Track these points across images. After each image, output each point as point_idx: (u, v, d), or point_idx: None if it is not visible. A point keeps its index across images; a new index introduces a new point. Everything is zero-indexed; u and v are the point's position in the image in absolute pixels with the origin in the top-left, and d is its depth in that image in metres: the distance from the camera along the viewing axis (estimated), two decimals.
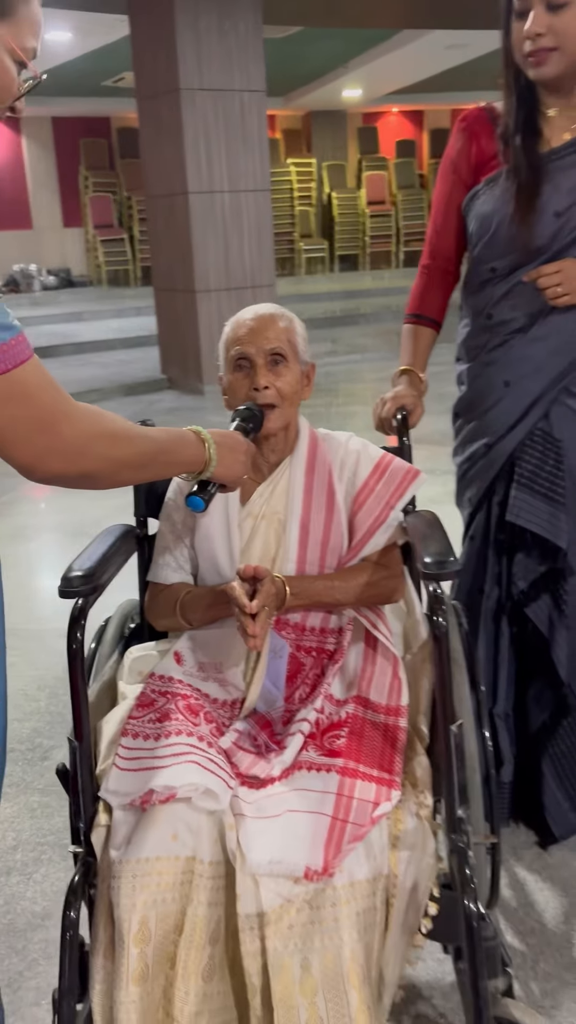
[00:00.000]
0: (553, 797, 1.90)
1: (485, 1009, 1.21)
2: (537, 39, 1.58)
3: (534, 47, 1.59)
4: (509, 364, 1.73)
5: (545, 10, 1.56)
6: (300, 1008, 1.16)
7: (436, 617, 1.25)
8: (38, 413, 1.02)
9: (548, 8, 1.56)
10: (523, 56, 1.62)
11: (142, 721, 1.39)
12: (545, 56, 1.60)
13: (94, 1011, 1.25)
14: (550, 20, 1.57)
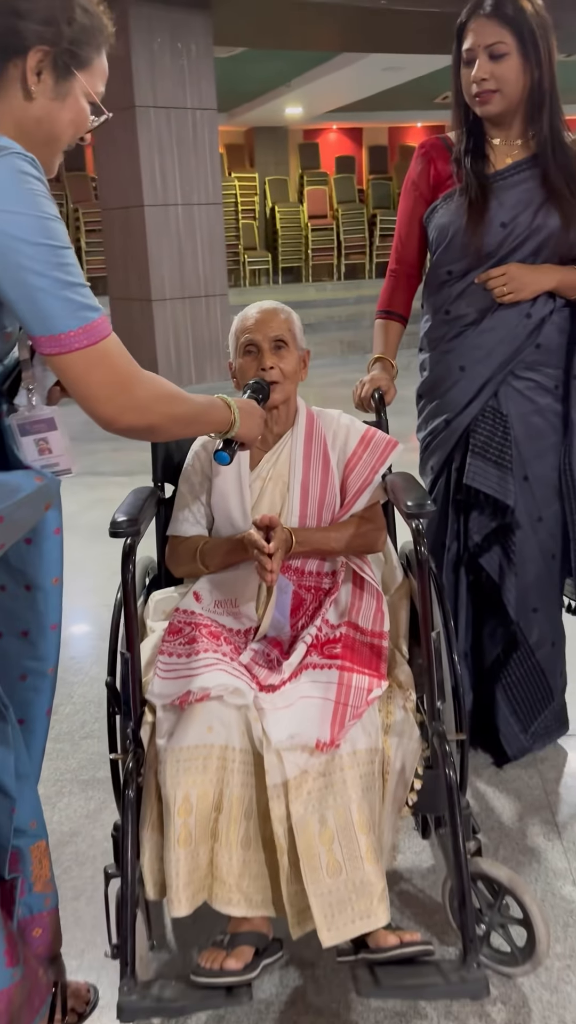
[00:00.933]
0: (506, 722, 2.23)
1: (465, 863, 1.52)
2: (482, 83, 1.93)
3: (480, 89, 1.94)
4: (464, 352, 2.06)
5: (488, 59, 1.91)
6: (321, 855, 1.46)
7: (418, 546, 1.57)
8: (118, 377, 1.30)
9: (490, 58, 1.91)
10: (471, 96, 1.96)
11: (174, 644, 1.68)
12: (489, 96, 1.94)
13: (144, 875, 1.53)
14: (492, 68, 1.91)
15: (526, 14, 1.86)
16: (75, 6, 1.30)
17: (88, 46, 1.33)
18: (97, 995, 1.64)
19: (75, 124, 1.36)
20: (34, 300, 1.22)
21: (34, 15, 1.26)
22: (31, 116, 1.30)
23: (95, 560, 3.67)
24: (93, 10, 1.33)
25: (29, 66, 1.27)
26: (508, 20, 1.86)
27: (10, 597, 1.52)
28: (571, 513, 2.08)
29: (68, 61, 1.30)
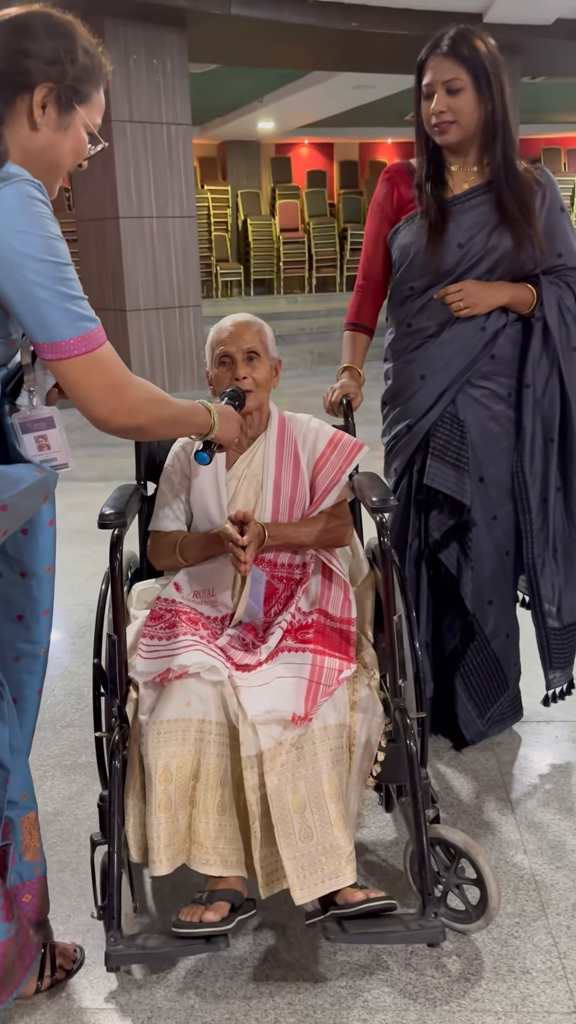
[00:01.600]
0: (464, 708, 2.39)
1: (423, 825, 1.67)
2: (440, 115, 2.09)
3: (438, 120, 2.10)
4: (425, 362, 2.22)
5: (446, 94, 2.07)
6: (294, 821, 1.60)
7: (382, 537, 1.72)
8: (111, 381, 1.44)
9: (448, 92, 2.07)
10: (431, 126, 2.13)
11: (155, 628, 1.82)
12: (447, 127, 2.11)
13: (128, 839, 1.66)
14: (449, 101, 2.08)
15: (480, 53, 2.03)
16: (77, 48, 1.44)
17: (88, 83, 1.47)
18: (83, 955, 1.76)
19: (75, 152, 1.51)
20: (38, 310, 1.36)
21: (41, 55, 1.40)
22: (36, 145, 1.44)
23: (73, 562, 3.79)
24: (93, 51, 1.48)
25: (35, 100, 1.41)
26: (463, 59, 2.03)
27: (6, 584, 1.65)
28: (523, 512, 2.25)
29: (70, 96, 1.44)
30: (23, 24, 1.43)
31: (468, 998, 1.63)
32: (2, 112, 1.41)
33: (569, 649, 2.38)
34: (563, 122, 16.03)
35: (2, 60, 1.40)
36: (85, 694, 2.79)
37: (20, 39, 1.41)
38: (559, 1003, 1.61)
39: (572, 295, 2.18)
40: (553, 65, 9.97)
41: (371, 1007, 1.62)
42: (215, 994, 1.65)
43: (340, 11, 7.60)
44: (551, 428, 2.21)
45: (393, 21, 7.83)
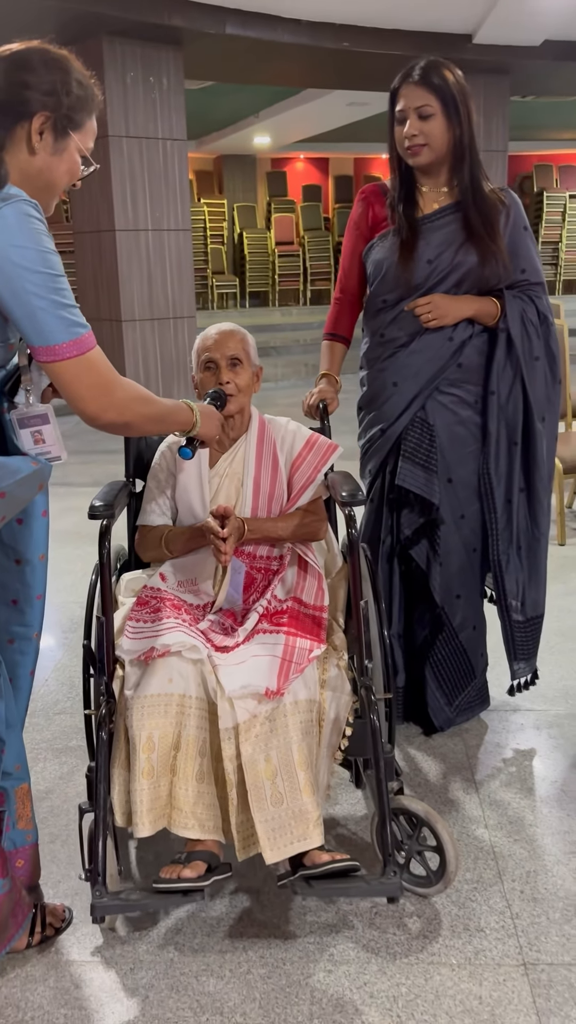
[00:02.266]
0: (434, 696, 2.53)
1: (387, 799, 1.80)
2: (412, 138, 2.25)
3: (410, 143, 2.26)
4: (396, 370, 2.37)
5: (417, 119, 2.23)
6: (265, 787, 1.74)
7: (351, 529, 1.87)
8: (100, 381, 1.58)
9: (419, 118, 2.23)
10: (403, 149, 2.28)
11: (141, 612, 1.96)
12: (418, 150, 2.26)
13: (114, 805, 1.80)
14: (421, 125, 2.23)
15: (448, 82, 2.19)
16: (72, 80, 1.60)
17: (82, 112, 1.63)
18: (71, 915, 1.90)
19: (69, 174, 1.66)
20: (34, 317, 1.50)
21: (39, 87, 1.56)
22: (34, 167, 1.59)
23: (66, 561, 3.94)
24: (86, 83, 1.64)
25: (33, 127, 1.57)
26: (433, 87, 2.19)
27: (2, 570, 1.79)
28: (489, 512, 2.39)
29: (65, 124, 1.60)
30: (23, 59, 1.58)
31: (426, 952, 1.77)
32: (3, 138, 1.56)
33: (532, 641, 2.53)
34: (554, 139, 16.28)
35: (3, 91, 1.55)
36: (76, 684, 2.93)
37: (20, 72, 1.57)
38: (509, 956, 1.75)
39: (534, 309, 2.33)
40: (542, 84, 10.18)
41: (336, 960, 1.75)
42: (193, 948, 1.79)
43: (332, 31, 7.79)
44: (515, 432, 2.36)
45: (385, 41, 8.03)
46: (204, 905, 1.91)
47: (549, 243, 15.40)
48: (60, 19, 6.86)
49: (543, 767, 2.41)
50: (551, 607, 3.25)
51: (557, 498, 4.06)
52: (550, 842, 2.09)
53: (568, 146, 16.94)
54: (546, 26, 7.96)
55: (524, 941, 1.79)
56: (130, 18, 6.83)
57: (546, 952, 1.76)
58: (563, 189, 16.02)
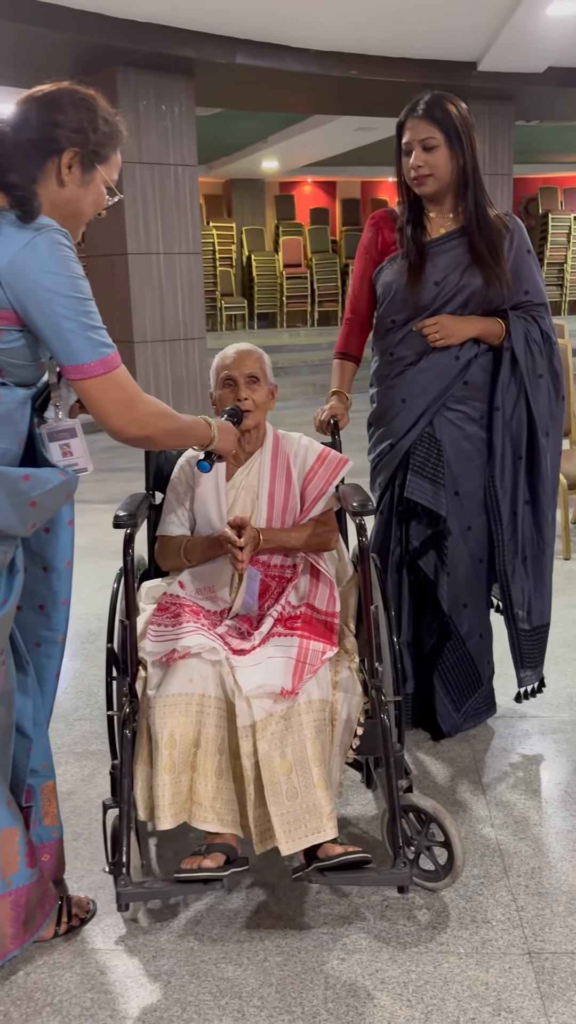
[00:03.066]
0: (442, 703, 2.61)
1: (396, 790, 1.89)
2: (418, 169, 2.36)
3: (416, 174, 2.37)
4: (405, 387, 2.47)
5: (422, 150, 2.34)
6: (281, 783, 1.82)
7: (362, 538, 1.97)
8: (125, 397, 1.69)
9: (424, 149, 2.34)
10: (411, 179, 2.40)
11: (162, 617, 2.06)
12: (424, 179, 2.38)
13: (137, 800, 1.89)
14: (426, 157, 2.35)
15: (451, 115, 2.31)
16: (99, 118, 1.72)
17: (107, 147, 1.74)
18: (96, 907, 1.98)
19: (95, 204, 1.78)
20: (64, 338, 1.61)
21: (68, 125, 1.68)
22: (63, 198, 1.71)
23: (82, 576, 4.03)
24: (112, 120, 1.76)
25: (63, 162, 1.68)
26: (437, 120, 2.30)
27: (30, 577, 1.89)
28: (495, 523, 2.49)
29: (92, 158, 1.71)
30: (54, 99, 1.70)
31: (435, 942, 1.84)
32: (35, 173, 1.67)
33: (538, 650, 2.61)
34: (559, 162, 16.48)
35: (36, 130, 1.67)
36: (95, 691, 3.02)
37: (51, 112, 1.68)
38: (515, 946, 1.83)
39: (538, 328, 2.44)
40: (546, 110, 10.36)
41: (349, 949, 1.83)
42: (212, 938, 1.87)
43: (340, 60, 7.97)
44: (519, 447, 2.46)
45: (391, 69, 8.21)
46: (223, 897, 1.99)
47: (554, 264, 15.56)
48: (75, 51, 7.07)
49: (548, 770, 2.49)
50: (557, 618, 3.34)
51: (562, 513, 4.15)
52: (554, 840, 2.17)
53: (572, 169, 17.14)
54: (549, 53, 8.13)
55: (529, 932, 1.87)
56: (143, 49, 7.02)
57: (550, 942, 1.83)
58: (568, 211, 16.20)
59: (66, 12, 6.53)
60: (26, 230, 1.56)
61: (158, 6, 6.62)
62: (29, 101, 1.69)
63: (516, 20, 7.05)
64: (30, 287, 1.56)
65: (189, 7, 6.66)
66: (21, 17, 6.33)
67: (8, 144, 1.63)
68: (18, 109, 1.69)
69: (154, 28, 6.97)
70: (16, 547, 1.75)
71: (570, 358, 4.45)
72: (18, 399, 1.67)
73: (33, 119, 1.67)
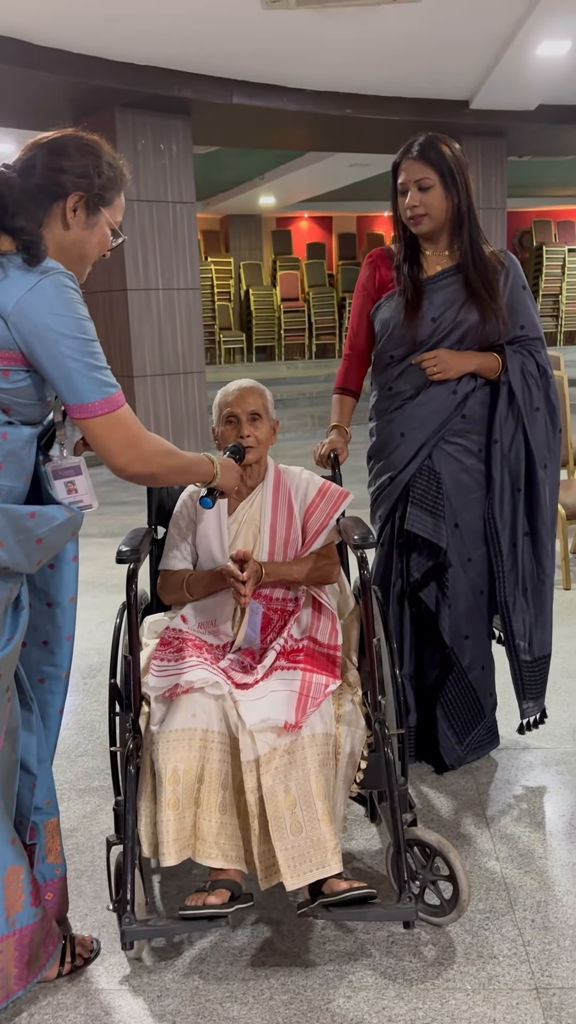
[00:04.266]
0: (445, 735, 2.61)
1: (401, 830, 1.89)
2: (414, 209, 2.41)
3: (412, 214, 2.42)
4: (404, 421, 2.50)
5: (418, 191, 2.39)
6: (285, 817, 1.82)
7: (363, 570, 1.98)
8: (129, 435, 1.71)
9: (419, 190, 2.39)
10: (407, 218, 2.44)
11: (165, 652, 2.07)
12: (420, 219, 2.42)
13: (141, 836, 1.88)
14: (421, 197, 2.39)
15: (445, 156, 2.36)
16: (103, 163, 1.76)
17: (111, 190, 1.78)
18: (99, 946, 1.97)
19: (100, 246, 1.82)
20: (69, 378, 1.64)
21: (74, 170, 1.72)
22: (68, 240, 1.75)
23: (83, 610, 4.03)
24: (116, 164, 1.80)
25: (68, 206, 1.72)
26: (431, 161, 2.35)
27: (34, 613, 1.90)
28: (495, 555, 2.50)
29: (97, 202, 1.75)
30: (59, 145, 1.74)
31: (441, 979, 1.83)
32: (42, 217, 1.71)
33: (540, 681, 2.61)
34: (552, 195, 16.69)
35: (42, 175, 1.71)
36: (96, 727, 3.02)
37: (57, 158, 1.72)
38: (521, 982, 1.82)
39: (534, 362, 2.47)
40: (537, 145, 10.52)
41: (355, 986, 1.82)
42: (217, 977, 1.86)
43: (335, 99, 8.11)
44: (518, 479, 2.48)
45: (385, 107, 8.35)
46: (227, 934, 1.98)
47: (550, 295, 15.72)
48: (75, 93, 7.19)
49: (552, 802, 2.48)
50: (559, 649, 3.34)
51: (562, 544, 4.17)
52: (560, 873, 2.16)
53: (565, 202, 17.36)
54: (540, 92, 8.27)
55: (536, 967, 1.86)
56: (141, 91, 7.15)
57: (557, 977, 1.82)
58: (561, 243, 16.40)
59: (66, 56, 6.65)
60: (33, 273, 1.59)
61: (156, 49, 6.75)
62: (35, 147, 1.73)
63: (507, 60, 7.18)
64: (36, 328, 1.59)
65: (186, 50, 6.79)
66: (22, 61, 6.45)
67: (15, 189, 1.67)
68: (25, 155, 1.73)
69: (152, 71, 7.10)
70: (21, 584, 1.76)
71: (566, 388, 4.50)
72: (24, 437, 1.69)
73: (39, 165, 1.71)
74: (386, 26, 6.32)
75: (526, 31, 6.46)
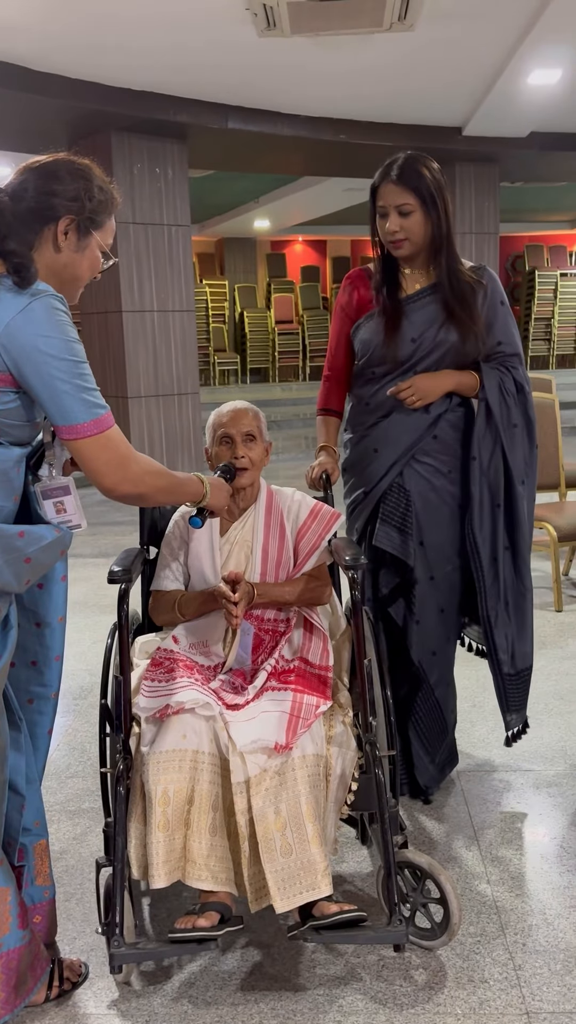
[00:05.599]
0: (418, 755, 2.59)
1: (391, 846, 1.88)
2: (394, 234, 2.43)
3: (393, 238, 2.44)
4: (377, 438, 2.51)
5: (398, 215, 2.41)
6: (275, 839, 1.81)
7: (354, 591, 1.99)
8: (117, 457, 1.72)
9: (400, 214, 2.41)
10: (387, 242, 2.46)
11: (156, 672, 2.07)
12: (400, 244, 2.44)
13: (130, 858, 1.87)
14: (401, 222, 2.41)
15: (425, 179, 2.37)
16: (94, 187, 1.78)
17: (103, 214, 1.80)
18: (88, 970, 1.95)
19: (91, 268, 1.83)
20: (58, 400, 1.65)
21: (65, 194, 1.73)
22: (59, 263, 1.76)
23: (75, 631, 4.03)
24: (106, 188, 1.81)
25: (59, 229, 1.74)
26: (411, 185, 2.37)
27: (23, 633, 1.90)
28: (476, 570, 2.50)
29: (88, 225, 1.77)
30: (51, 170, 1.76)
31: (432, 1003, 1.82)
32: (33, 240, 1.73)
33: (522, 693, 2.61)
34: (544, 221, 16.85)
35: (34, 199, 1.72)
36: (87, 748, 3.00)
37: (48, 182, 1.74)
38: (512, 1006, 1.80)
39: (511, 379, 2.49)
40: (529, 172, 10.63)
41: (345, 1011, 1.80)
42: (206, 1001, 1.84)
43: (330, 125, 8.20)
44: (497, 495, 2.49)
45: (379, 133, 8.44)
46: (217, 958, 1.96)
47: (542, 319, 15.81)
48: (72, 116, 7.26)
49: (543, 825, 2.47)
50: (550, 671, 3.35)
51: (552, 565, 4.18)
52: (550, 897, 2.15)
53: (557, 227, 17.53)
54: (532, 119, 8.37)
55: (527, 991, 1.84)
56: (137, 116, 7.22)
57: (548, 1001, 1.81)
58: (554, 268, 16.51)
59: (63, 81, 6.72)
60: (23, 295, 1.61)
61: (152, 75, 6.82)
62: (27, 171, 1.75)
63: (499, 88, 7.27)
64: (26, 350, 1.60)
65: (182, 76, 6.87)
66: (19, 85, 6.52)
67: (7, 213, 1.68)
68: (16, 179, 1.75)
69: (148, 96, 7.18)
70: (10, 603, 1.76)
71: (557, 412, 4.53)
72: (13, 458, 1.70)
73: (31, 188, 1.73)
74: (380, 53, 6.40)
75: (518, 60, 6.54)
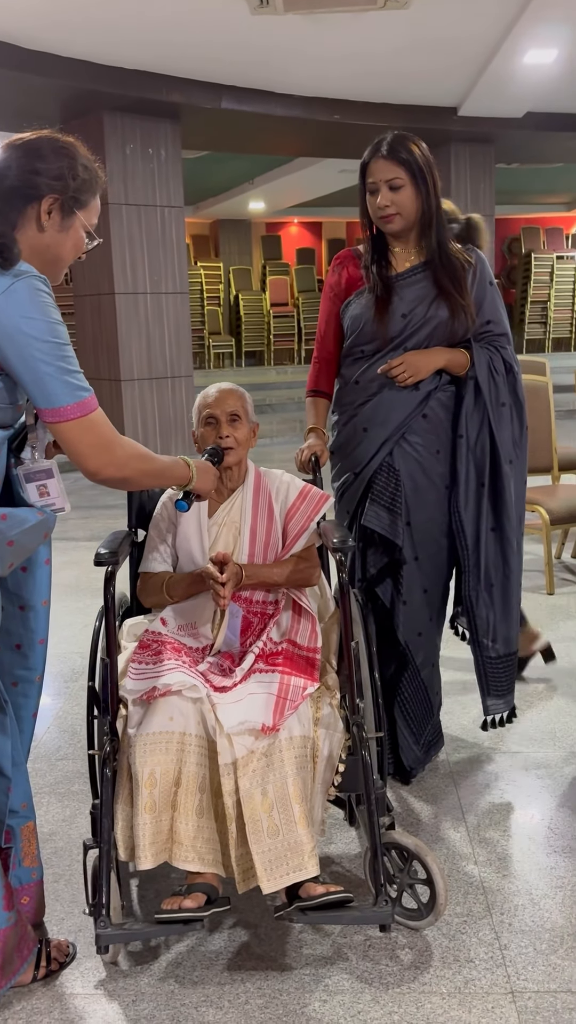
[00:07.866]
0: (403, 736, 2.59)
1: (378, 834, 1.89)
2: (385, 208, 2.41)
3: (383, 213, 2.42)
4: (367, 417, 2.50)
5: (388, 190, 2.39)
6: (262, 820, 1.82)
7: (342, 574, 1.98)
8: (101, 440, 1.71)
9: (390, 188, 2.39)
10: (377, 218, 2.45)
11: (143, 655, 2.06)
12: (391, 218, 2.42)
13: (117, 839, 1.88)
14: (392, 196, 2.40)
15: (415, 155, 2.36)
16: (78, 165, 1.75)
17: (87, 193, 1.78)
18: (75, 950, 1.96)
19: (75, 248, 1.81)
20: (41, 382, 1.63)
21: (48, 172, 1.71)
22: (43, 243, 1.74)
23: (66, 614, 4.03)
24: (91, 167, 1.79)
25: (43, 208, 1.72)
26: (401, 160, 2.35)
27: (7, 616, 1.90)
28: (461, 550, 2.50)
29: (71, 204, 1.75)
30: (34, 147, 1.74)
31: (417, 982, 1.83)
32: (16, 219, 1.71)
33: (507, 678, 2.61)
34: (540, 203, 16.78)
35: (16, 178, 1.70)
36: (77, 731, 3.01)
37: (31, 160, 1.72)
38: (497, 985, 1.81)
39: (500, 358, 2.48)
40: (525, 153, 10.58)
41: (331, 990, 1.82)
42: (192, 981, 1.85)
43: (324, 105, 8.14)
44: (482, 474, 2.48)
45: (374, 114, 8.38)
46: (204, 938, 1.97)
47: (538, 302, 15.77)
48: (64, 95, 7.20)
49: (531, 807, 2.48)
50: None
51: (545, 548, 4.18)
52: (537, 877, 2.16)
53: (553, 209, 17.45)
54: (527, 99, 8.32)
55: (512, 971, 1.85)
56: (130, 95, 7.16)
57: (533, 980, 1.82)
58: (550, 250, 16.46)
59: (55, 59, 6.66)
60: (6, 276, 1.59)
61: (145, 53, 6.76)
62: (9, 149, 1.73)
63: (494, 68, 7.22)
64: (9, 332, 1.58)
65: (175, 54, 6.81)
66: (11, 64, 6.45)
67: None
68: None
69: (141, 75, 7.11)
70: None
71: (551, 396, 4.52)
72: None
73: (14, 167, 1.71)
74: (374, 32, 6.34)
75: (513, 39, 6.50)
